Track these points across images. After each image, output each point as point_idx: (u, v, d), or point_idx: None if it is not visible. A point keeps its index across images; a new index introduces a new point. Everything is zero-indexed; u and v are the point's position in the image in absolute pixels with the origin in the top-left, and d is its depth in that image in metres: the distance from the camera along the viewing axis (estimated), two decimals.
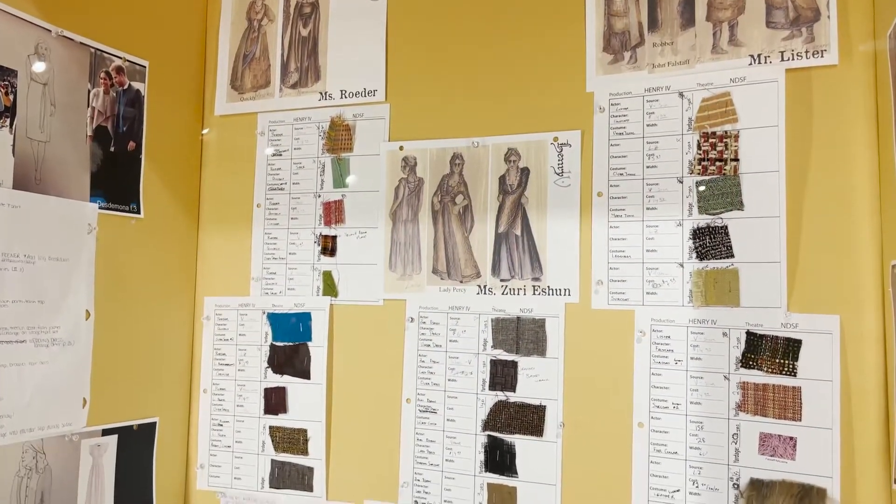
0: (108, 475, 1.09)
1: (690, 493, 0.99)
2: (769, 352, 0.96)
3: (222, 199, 1.28)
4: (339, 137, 1.22)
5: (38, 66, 1.00)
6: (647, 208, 1.03)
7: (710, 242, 0.99)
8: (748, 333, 0.97)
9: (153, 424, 1.18)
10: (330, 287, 1.20)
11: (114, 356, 1.11)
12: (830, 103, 0.95)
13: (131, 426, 1.14)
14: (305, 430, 1.19)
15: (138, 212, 1.16)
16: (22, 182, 0.98)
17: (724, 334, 0.98)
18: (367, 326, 1.18)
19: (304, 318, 1.21)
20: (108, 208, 1.10)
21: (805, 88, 0.96)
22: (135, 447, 1.14)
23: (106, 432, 1.10)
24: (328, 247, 1.21)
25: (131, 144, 1.15)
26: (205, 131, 1.30)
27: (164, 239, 1.21)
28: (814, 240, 0.94)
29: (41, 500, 0.99)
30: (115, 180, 1.12)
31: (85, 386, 1.06)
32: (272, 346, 1.23)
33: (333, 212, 1.21)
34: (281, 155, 1.25)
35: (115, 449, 1.11)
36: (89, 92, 1.08)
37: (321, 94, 1.23)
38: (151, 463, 1.17)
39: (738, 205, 0.98)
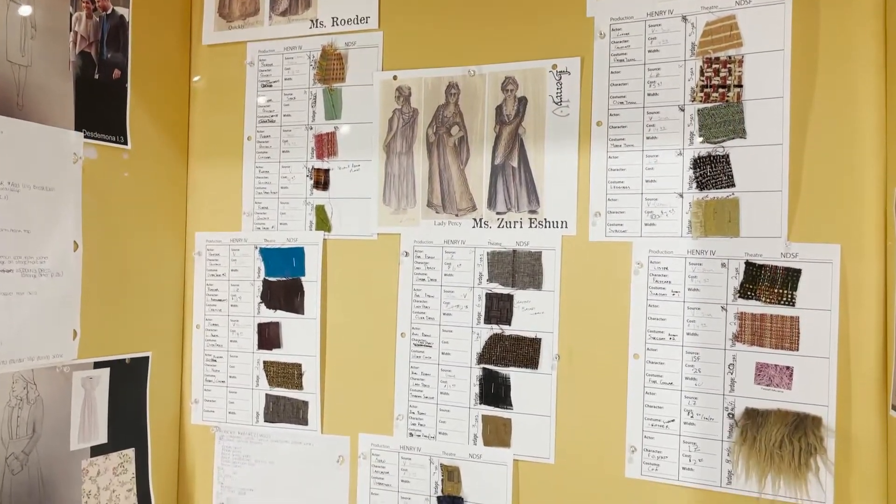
0: (100, 408, 1.09)
1: (685, 423, 0.99)
2: (768, 282, 0.94)
3: (212, 131, 1.25)
4: (330, 67, 1.18)
5: None
6: (648, 137, 1.01)
7: (711, 172, 0.97)
8: (747, 264, 0.96)
9: (146, 359, 1.17)
10: (323, 221, 1.18)
11: (103, 289, 1.09)
12: (838, 27, 0.92)
13: (124, 360, 1.13)
14: (300, 365, 1.18)
15: (125, 143, 1.13)
16: (4, 107, 0.94)
17: (723, 265, 0.97)
18: (360, 261, 1.16)
19: (297, 252, 1.19)
20: (94, 138, 1.07)
21: (812, 11, 0.93)
22: (127, 381, 1.14)
23: (98, 365, 1.09)
24: (321, 180, 1.18)
25: (116, 73, 1.11)
26: (196, 79, 1.26)
27: (152, 171, 1.19)
28: (816, 168, 0.93)
29: (33, 430, 0.99)
30: (101, 110, 1.09)
31: (74, 318, 1.04)
32: (265, 282, 1.21)
33: (326, 144, 1.18)
34: (271, 101, 1.21)
35: (108, 382, 1.10)
36: (71, 16, 1.04)
37: (312, 21, 1.19)
38: (145, 397, 1.17)
39: (741, 132, 0.96)
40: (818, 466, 0.91)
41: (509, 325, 1.08)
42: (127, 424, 1.13)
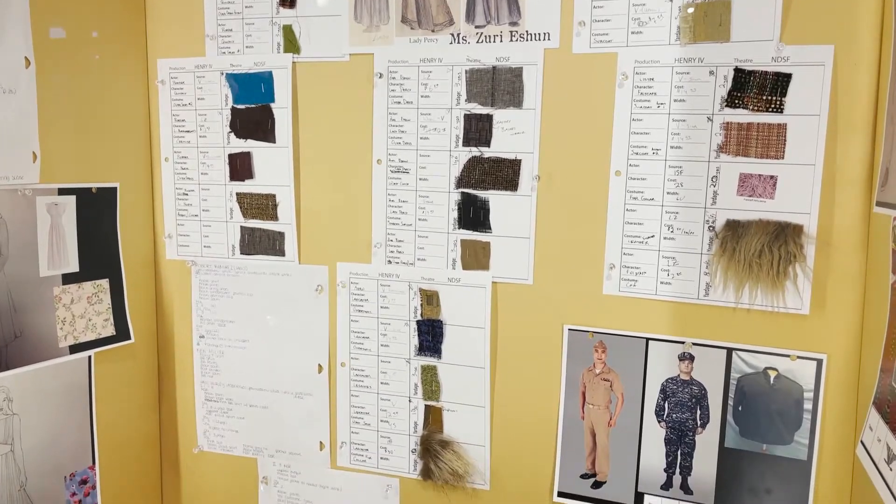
0: (69, 236, 1.06)
1: (665, 238, 0.98)
2: (756, 88, 0.91)
3: None
4: None
5: None
6: None
7: None
8: (736, 70, 0.91)
9: (113, 189, 1.13)
10: (291, 43, 1.11)
11: (62, 113, 1.04)
12: None
13: (90, 188, 1.09)
14: (274, 196, 1.15)
15: None
16: None
17: (711, 73, 0.93)
18: (332, 84, 1.11)
19: (266, 78, 1.13)
20: None
21: None
22: (95, 211, 1.10)
23: (63, 192, 1.05)
24: None
25: None
26: None
27: None
28: None
29: None
30: None
31: (32, 139, 0.99)
32: (233, 110, 1.16)
33: None
34: None
35: (75, 210, 1.06)
36: None
37: None
38: (115, 229, 1.14)
39: None
40: (796, 274, 0.91)
41: (488, 146, 1.04)
42: (98, 255, 1.11)
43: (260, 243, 1.17)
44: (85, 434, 1.09)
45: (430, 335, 1.10)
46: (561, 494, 1.05)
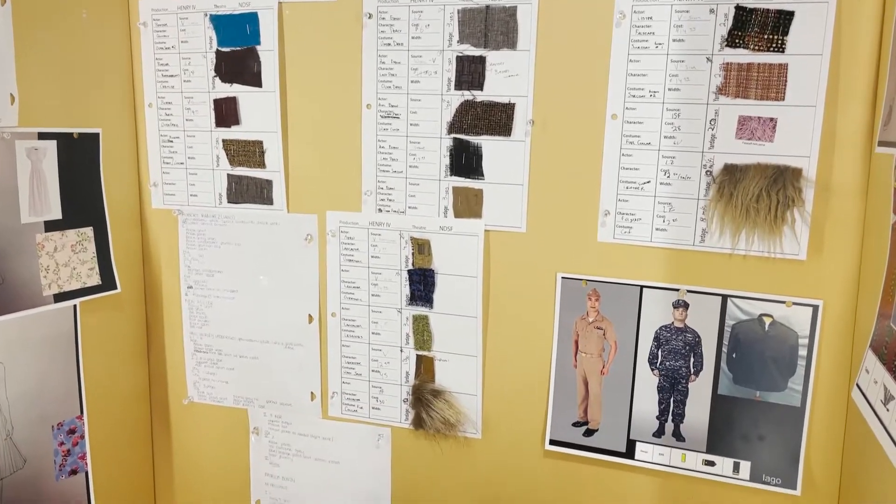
0: (51, 182, 1.03)
1: (661, 184, 0.96)
2: (758, 27, 0.88)
3: None
4: None
5: None
6: None
7: None
8: (737, 8, 0.88)
9: (95, 135, 1.10)
10: None
11: (40, 56, 1.00)
12: None
13: (71, 133, 1.06)
14: (261, 142, 1.12)
15: None
16: None
17: (711, 11, 0.90)
18: (320, 26, 1.07)
19: (251, 18, 1.09)
20: None
21: None
22: (77, 157, 1.07)
23: (43, 136, 1.01)
24: None
25: None
26: None
27: None
28: None
29: None
30: None
31: (9, 80, 0.96)
32: (218, 53, 1.12)
33: None
34: None
35: (56, 156, 1.03)
36: None
37: None
38: (99, 176, 1.11)
39: None
40: (794, 219, 0.89)
41: (481, 90, 1.02)
42: (82, 203, 1.08)
43: (247, 192, 1.15)
44: (72, 384, 1.08)
45: (422, 284, 1.09)
46: (553, 442, 1.05)
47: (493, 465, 1.09)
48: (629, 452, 1.02)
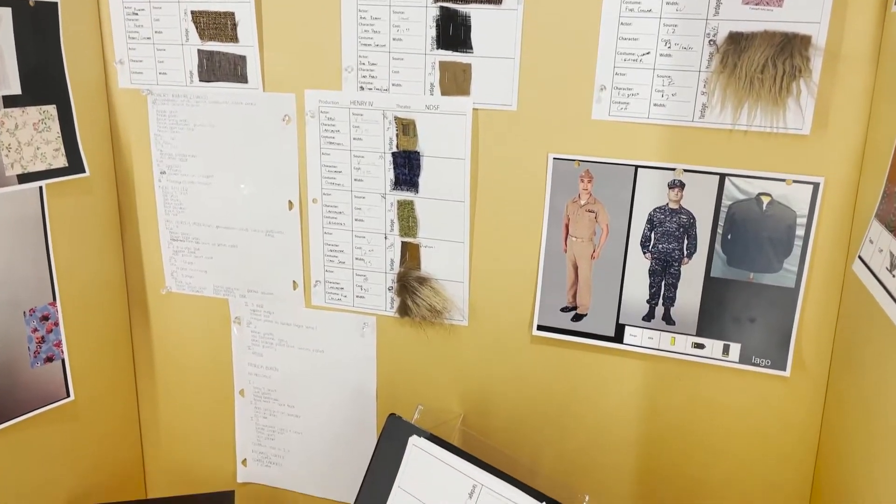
0: (7, 54, 0.96)
1: (661, 56, 0.90)
2: None
3: None
4: None
5: None
6: None
7: None
8: None
9: (53, 5, 1.02)
10: None
11: None
12: None
13: (26, 1, 0.97)
14: (232, 14, 1.04)
15: None
16: None
17: None
18: None
19: None
20: None
21: None
22: (35, 28, 0.99)
23: None
24: None
25: None
26: None
27: None
28: None
29: None
30: None
31: None
32: None
33: None
34: None
35: (11, 25, 0.95)
36: None
37: None
38: (59, 51, 1.03)
39: None
40: (800, 90, 0.84)
41: None
42: (43, 78, 1.01)
43: (220, 69, 1.08)
44: (42, 269, 1.04)
45: (407, 168, 1.04)
46: (540, 328, 1.03)
47: (480, 352, 1.07)
48: (618, 337, 1.00)
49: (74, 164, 1.07)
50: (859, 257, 0.76)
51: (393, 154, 1.04)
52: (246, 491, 1.24)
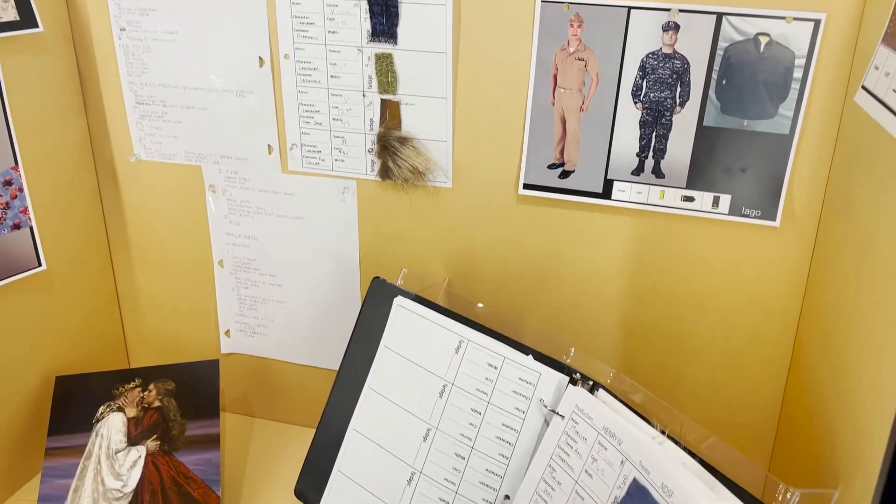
0: None
1: None
2: None
3: None
4: None
5: None
6: None
7: None
8: None
9: None
10: None
11: None
12: None
13: None
14: None
15: None
16: None
17: None
18: None
19: None
20: None
21: None
22: None
23: None
24: None
25: None
26: None
27: None
28: None
29: None
30: None
31: None
32: None
33: None
34: None
35: None
36: None
37: None
38: None
39: None
40: None
41: None
42: None
43: None
44: (1, 131, 0.98)
45: (384, 16, 0.97)
46: (527, 186, 1.00)
47: (465, 214, 1.05)
48: (606, 193, 0.97)
49: (26, 17, 0.99)
50: (863, 87, 0.72)
51: (369, 1, 0.97)
52: (231, 361, 1.23)
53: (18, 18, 0.98)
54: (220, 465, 1.03)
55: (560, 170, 0.99)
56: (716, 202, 0.93)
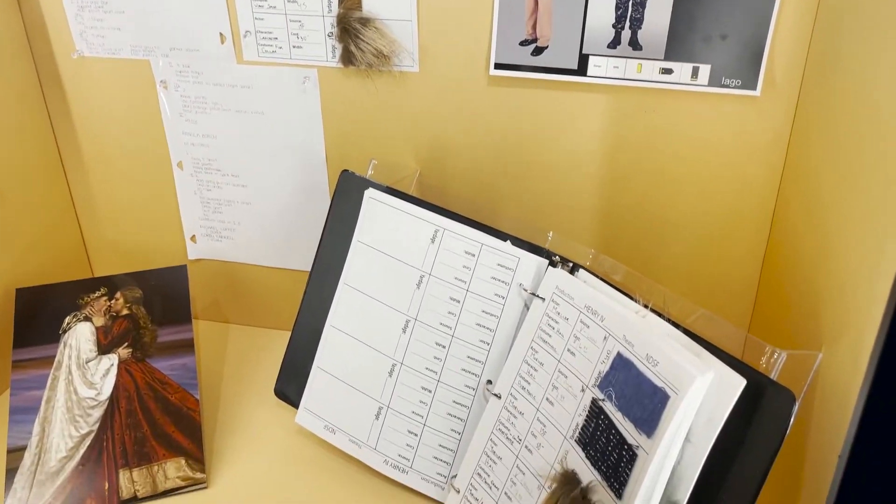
0: None
1: None
2: None
3: None
4: None
5: None
6: None
7: None
8: None
9: None
10: None
11: None
12: None
13: None
14: None
15: None
16: None
17: None
18: None
19: None
20: None
21: None
22: None
23: None
24: None
25: None
26: None
27: None
28: None
29: None
30: None
31: None
32: None
33: None
34: None
35: None
36: None
37: None
38: None
39: None
40: None
41: None
42: None
43: None
44: None
45: None
46: (498, 66, 0.95)
47: (434, 99, 1.00)
48: (581, 69, 0.93)
49: None
50: None
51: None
52: (200, 267, 1.20)
53: None
54: (195, 369, 1.01)
55: (533, 46, 0.93)
56: (695, 73, 0.89)
